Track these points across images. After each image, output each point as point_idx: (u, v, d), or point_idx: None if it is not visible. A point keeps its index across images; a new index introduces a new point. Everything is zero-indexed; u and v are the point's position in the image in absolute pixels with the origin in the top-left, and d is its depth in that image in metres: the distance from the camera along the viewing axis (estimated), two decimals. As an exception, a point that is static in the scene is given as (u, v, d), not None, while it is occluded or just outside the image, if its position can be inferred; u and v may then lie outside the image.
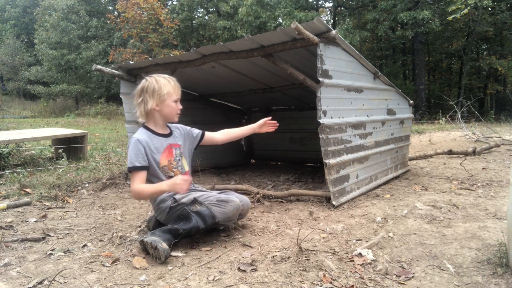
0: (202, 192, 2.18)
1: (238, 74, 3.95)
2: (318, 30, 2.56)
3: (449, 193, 3.11)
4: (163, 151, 2.11)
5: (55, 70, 23.21)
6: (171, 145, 2.17)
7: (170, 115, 2.16)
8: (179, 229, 1.93)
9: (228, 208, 2.03)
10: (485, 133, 7.58)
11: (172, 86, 2.12)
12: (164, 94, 2.09)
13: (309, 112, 5.11)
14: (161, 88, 2.09)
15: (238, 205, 2.06)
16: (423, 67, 20.68)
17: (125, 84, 3.92)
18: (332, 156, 2.73)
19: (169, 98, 2.11)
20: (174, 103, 2.14)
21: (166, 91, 2.09)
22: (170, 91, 2.11)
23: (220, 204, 2.02)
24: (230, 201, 2.05)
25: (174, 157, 2.15)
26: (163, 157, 2.10)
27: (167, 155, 2.12)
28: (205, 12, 25.28)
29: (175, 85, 2.14)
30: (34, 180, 3.73)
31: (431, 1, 19.19)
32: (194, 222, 1.96)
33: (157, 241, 1.82)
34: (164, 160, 2.10)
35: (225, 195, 2.12)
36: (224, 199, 2.05)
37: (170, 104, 2.12)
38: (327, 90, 2.68)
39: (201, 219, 1.97)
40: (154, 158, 2.06)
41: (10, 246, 2.06)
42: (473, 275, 1.62)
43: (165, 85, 2.10)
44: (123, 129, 11.44)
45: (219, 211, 2.00)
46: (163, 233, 1.91)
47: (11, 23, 29.41)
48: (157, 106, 2.10)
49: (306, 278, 1.61)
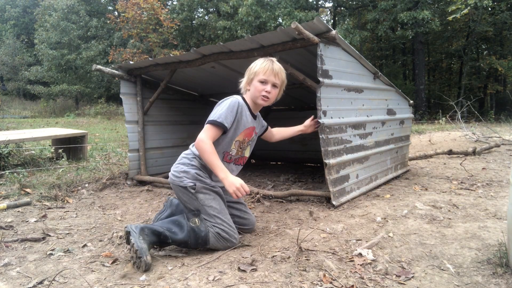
0: (217, 208, 2.00)
1: (238, 74, 3.93)
2: (318, 30, 2.56)
3: (449, 193, 3.11)
4: (247, 128, 2.08)
5: (55, 70, 23.22)
6: (254, 128, 2.16)
7: (253, 95, 2.07)
8: (168, 238, 1.85)
9: (224, 245, 1.94)
10: (485, 133, 7.58)
11: (263, 66, 2.02)
12: (252, 72, 2.05)
13: (309, 112, 5.08)
14: (252, 67, 2.05)
15: (233, 245, 1.96)
16: (423, 67, 20.68)
17: (125, 84, 3.92)
18: (332, 156, 2.73)
19: (256, 77, 2.03)
20: (259, 84, 2.03)
21: (255, 70, 2.03)
22: (258, 70, 2.02)
23: (219, 239, 1.92)
24: (230, 241, 1.95)
25: (248, 140, 2.15)
26: (243, 133, 2.07)
27: (246, 134, 2.10)
28: (205, 12, 25.29)
29: (268, 66, 2.02)
30: (34, 180, 3.73)
31: (431, 1, 19.19)
32: (185, 237, 1.87)
33: (143, 252, 1.71)
34: (241, 136, 2.07)
35: (229, 230, 1.97)
36: (225, 238, 1.93)
37: (255, 84, 2.04)
38: (327, 90, 2.68)
39: (194, 238, 1.88)
40: (237, 128, 2.03)
41: (10, 246, 2.06)
42: (473, 275, 1.62)
43: (256, 64, 2.05)
44: (123, 129, 11.45)
45: (215, 242, 1.92)
46: (152, 235, 1.83)
47: (11, 23, 29.40)
48: (248, 85, 2.08)
49: (306, 278, 1.61)
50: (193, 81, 4.34)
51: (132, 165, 3.95)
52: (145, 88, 4.05)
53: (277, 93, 2.09)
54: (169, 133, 4.36)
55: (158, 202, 3.14)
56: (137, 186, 3.81)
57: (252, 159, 5.92)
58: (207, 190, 1.99)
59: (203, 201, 1.96)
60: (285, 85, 2.14)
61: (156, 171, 4.17)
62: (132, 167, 3.96)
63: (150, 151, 4.12)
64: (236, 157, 2.13)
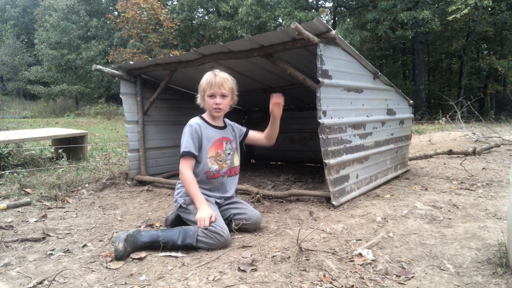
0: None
1: (238, 74, 3.95)
2: (318, 30, 2.56)
3: (449, 193, 3.11)
4: (214, 142, 2.22)
5: (55, 70, 23.23)
6: (223, 138, 2.28)
7: (208, 109, 2.24)
8: (159, 237, 1.95)
9: (214, 240, 1.95)
10: (485, 133, 7.57)
11: (208, 81, 2.16)
12: (201, 90, 2.21)
13: (309, 112, 5.11)
14: (200, 84, 2.21)
15: (224, 241, 1.97)
16: (423, 67, 20.69)
17: (125, 84, 3.92)
18: (332, 156, 2.73)
19: (205, 93, 2.19)
20: (209, 98, 2.18)
21: (202, 86, 2.19)
22: (204, 86, 2.18)
23: (207, 233, 1.95)
24: (219, 234, 1.95)
25: (224, 150, 2.26)
26: (213, 148, 2.22)
27: (217, 146, 2.24)
28: (205, 12, 25.31)
29: (211, 80, 2.16)
30: (34, 180, 3.73)
31: (431, 1, 19.21)
32: (174, 235, 1.95)
33: (118, 239, 1.85)
34: (212, 151, 2.21)
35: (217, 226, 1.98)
36: (213, 231, 1.95)
37: (206, 99, 2.20)
38: (327, 90, 2.68)
39: (182, 236, 1.94)
40: (205, 147, 2.19)
41: (10, 246, 2.06)
42: (473, 275, 1.62)
43: (203, 81, 2.19)
44: (123, 129, 11.45)
45: (204, 238, 1.94)
46: (146, 235, 1.95)
47: (11, 23, 29.41)
48: (202, 101, 2.24)
49: (306, 278, 1.61)
50: (193, 81, 4.34)
51: (132, 165, 3.95)
52: (145, 88, 4.05)
53: (228, 101, 2.23)
54: (169, 133, 4.36)
55: (158, 202, 3.14)
56: (137, 186, 3.81)
57: (252, 159, 5.93)
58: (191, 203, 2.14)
59: (194, 210, 2.10)
60: (236, 91, 2.27)
61: (156, 171, 4.17)
62: (132, 167, 3.96)
63: (150, 151, 4.12)
64: (224, 170, 2.26)
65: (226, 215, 2.24)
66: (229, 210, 2.26)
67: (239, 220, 2.20)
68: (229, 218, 2.23)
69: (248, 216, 2.22)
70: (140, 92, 3.97)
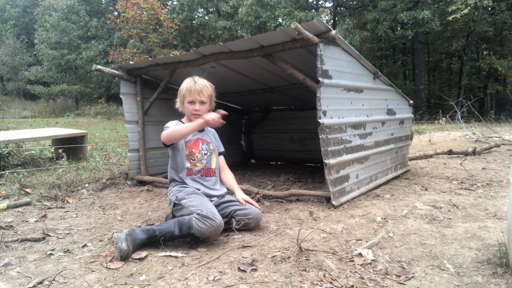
0: (197, 202, 2.13)
1: (238, 74, 3.95)
2: (318, 30, 2.56)
3: (449, 193, 3.11)
4: (190, 140, 2.32)
5: (55, 70, 23.22)
6: (199, 139, 2.37)
7: (187, 114, 2.35)
8: (156, 231, 1.98)
9: (207, 224, 1.95)
10: (485, 133, 7.57)
11: (187, 88, 2.26)
12: (181, 95, 2.31)
13: (309, 112, 5.11)
14: (180, 90, 2.31)
15: (217, 226, 1.97)
16: (423, 67, 20.69)
17: (125, 84, 3.92)
18: (332, 156, 2.73)
19: (184, 99, 2.29)
20: (189, 104, 2.29)
21: (182, 93, 2.29)
22: (184, 93, 2.28)
23: (200, 218, 1.97)
24: (211, 219, 1.96)
25: (200, 150, 2.34)
26: (188, 145, 2.31)
27: (193, 145, 2.33)
28: (205, 12, 25.30)
29: (191, 87, 2.26)
30: (34, 180, 3.73)
31: (431, 1, 19.21)
32: (170, 227, 1.99)
33: (119, 239, 1.86)
34: (187, 150, 2.31)
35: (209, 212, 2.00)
36: (206, 216, 1.96)
37: (186, 105, 2.30)
38: (327, 90, 2.68)
39: (178, 226, 1.99)
40: (181, 144, 2.29)
41: (10, 246, 2.06)
42: (473, 275, 1.62)
43: (183, 87, 2.29)
44: (123, 129, 11.45)
45: (198, 222, 1.95)
46: (142, 232, 1.96)
47: (11, 23, 29.41)
48: (181, 106, 2.35)
49: (306, 278, 1.61)
50: (193, 81, 4.34)
51: (132, 165, 3.95)
52: (145, 88, 4.05)
53: (207, 107, 2.32)
54: (169, 133, 4.36)
55: (158, 202, 3.14)
56: (137, 186, 3.81)
57: (252, 159, 5.93)
58: (187, 195, 2.20)
59: (186, 204, 2.15)
60: (214, 97, 2.38)
61: (156, 171, 4.17)
62: (132, 167, 3.96)
63: (150, 151, 4.12)
64: (197, 169, 2.33)
65: (227, 212, 2.25)
66: (229, 207, 2.28)
67: (240, 216, 2.21)
68: (230, 215, 2.25)
69: (249, 212, 2.23)
70: (140, 92, 3.97)
